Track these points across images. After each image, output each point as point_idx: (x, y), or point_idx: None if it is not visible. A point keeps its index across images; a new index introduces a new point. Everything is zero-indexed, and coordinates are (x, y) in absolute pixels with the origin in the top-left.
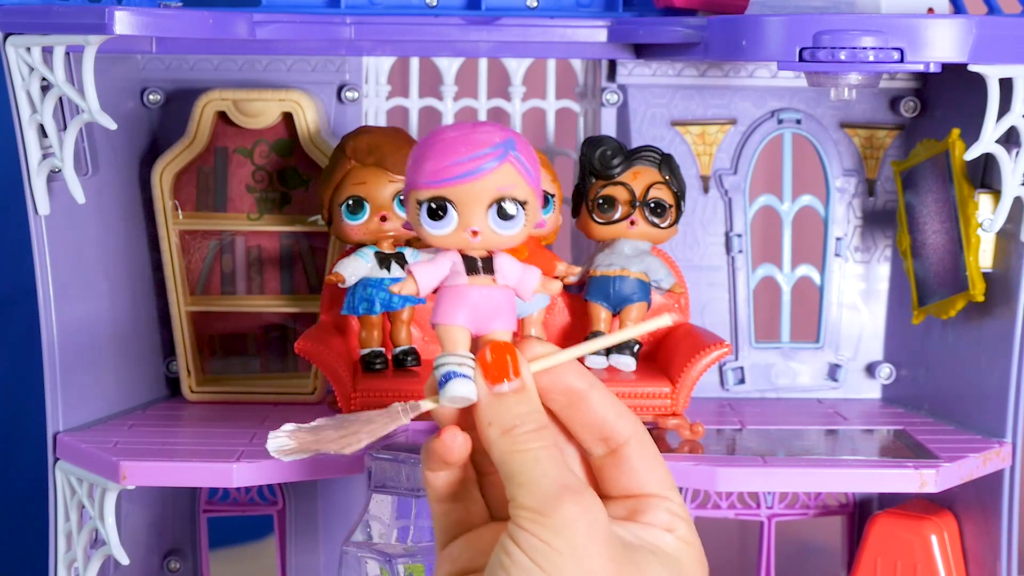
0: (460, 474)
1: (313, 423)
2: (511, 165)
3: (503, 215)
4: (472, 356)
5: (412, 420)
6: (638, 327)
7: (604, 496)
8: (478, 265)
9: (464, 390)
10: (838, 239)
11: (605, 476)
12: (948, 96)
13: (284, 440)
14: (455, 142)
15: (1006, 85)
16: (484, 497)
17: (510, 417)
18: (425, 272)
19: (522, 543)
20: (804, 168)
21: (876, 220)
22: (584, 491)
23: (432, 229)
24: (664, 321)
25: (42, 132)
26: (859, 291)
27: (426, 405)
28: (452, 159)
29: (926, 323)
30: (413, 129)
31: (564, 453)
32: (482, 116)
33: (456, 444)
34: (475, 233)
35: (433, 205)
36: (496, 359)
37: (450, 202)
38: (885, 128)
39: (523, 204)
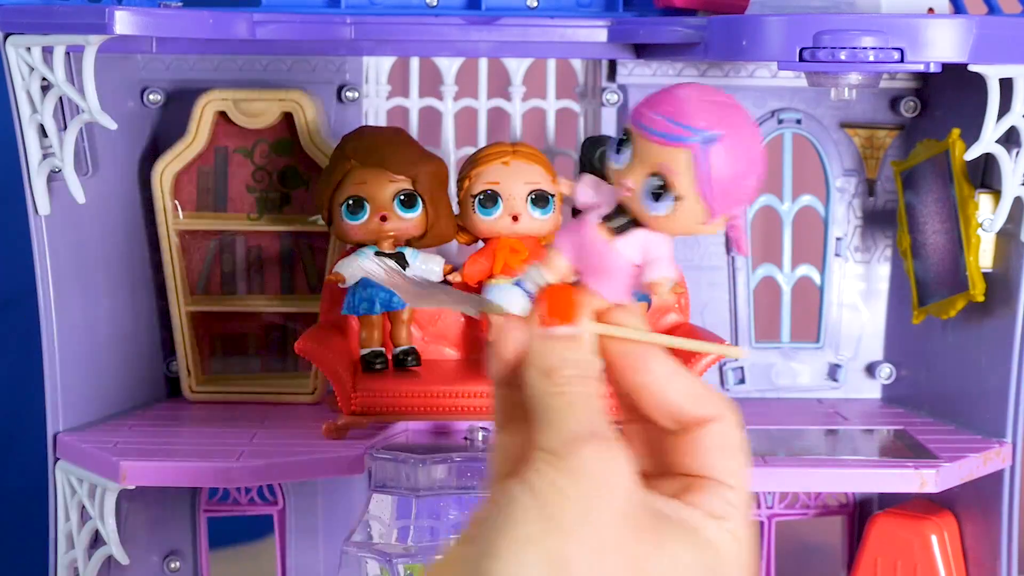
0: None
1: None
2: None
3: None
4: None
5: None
6: (718, 347)
7: (665, 471)
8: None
9: (509, 300)
10: (838, 239)
11: (669, 448)
12: (948, 96)
13: (378, 270)
14: None
15: (1006, 85)
16: None
17: (554, 359)
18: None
19: (532, 483)
20: (804, 168)
21: (876, 220)
22: (613, 442)
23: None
24: (739, 352)
25: (42, 132)
26: (859, 291)
27: (494, 308)
28: None
29: (926, 323)
30: (413, 129)
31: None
32: (482, 116)
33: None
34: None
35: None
36: (555, 300)
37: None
38: (885, 128)
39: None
